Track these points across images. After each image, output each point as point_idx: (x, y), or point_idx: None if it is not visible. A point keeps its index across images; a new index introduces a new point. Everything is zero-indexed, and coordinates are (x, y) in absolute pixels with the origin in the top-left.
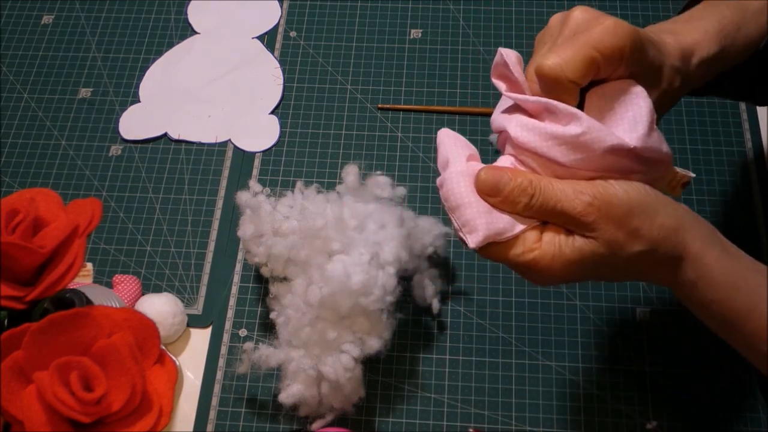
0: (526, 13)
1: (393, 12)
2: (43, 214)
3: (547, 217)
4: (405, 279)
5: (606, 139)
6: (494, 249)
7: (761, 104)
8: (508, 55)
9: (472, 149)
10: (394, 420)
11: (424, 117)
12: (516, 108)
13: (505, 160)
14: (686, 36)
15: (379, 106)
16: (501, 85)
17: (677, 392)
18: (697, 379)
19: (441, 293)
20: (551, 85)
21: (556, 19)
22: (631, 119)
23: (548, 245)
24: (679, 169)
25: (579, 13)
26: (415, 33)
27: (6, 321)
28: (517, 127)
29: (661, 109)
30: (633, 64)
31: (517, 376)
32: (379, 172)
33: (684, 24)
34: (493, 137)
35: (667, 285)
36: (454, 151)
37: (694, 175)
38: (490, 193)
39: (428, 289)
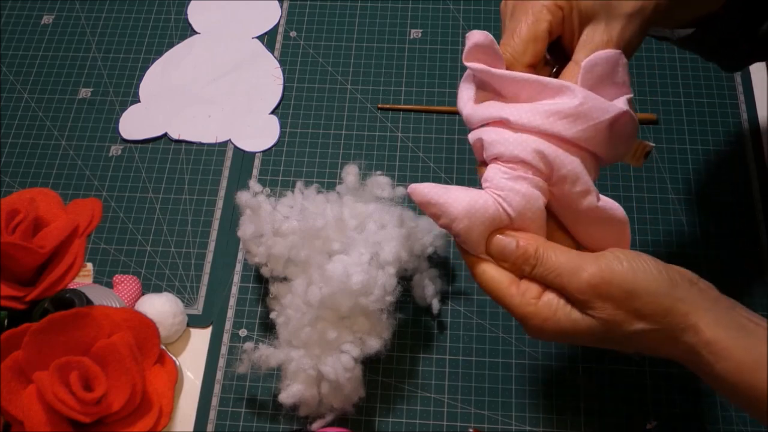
0: None
1: (393, 12)
2: (43, 214)
3: (547, 284)
4: (405, 279)
5: (606, 108)
6: (494, 286)
7: (727, 70)
8: (485, 34)
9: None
10: (394, 420)
11: (424, 117)
12: (486, 93)
13: (494, 171)
14: None
15: (379, 106)
16: (479, 66)
17: (677, 392)
18: (697, 379)
19: (441, 293)
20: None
21: (502, 4)
22: (616, 88)
23: (544, 306)
24: (641, 141)
25: None
26: (415, 33)
27: (6, 321)
28: (514, 111)
29: (636, 34)
30: (576, 8)
31: (517, 376)
32: (379, 172)
33: None
34: (473, 136)
35: (676, 360)
36: (445, 195)
37: (653, 144)
38: (498, 257)
39: (428, 289)
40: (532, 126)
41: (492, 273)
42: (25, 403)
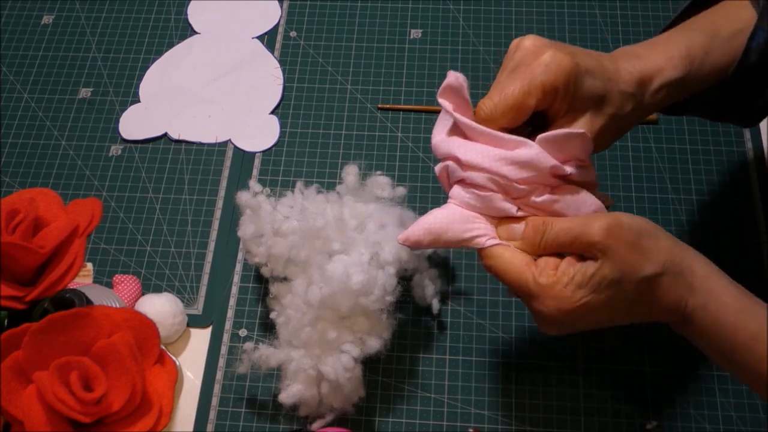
0: (526, 14)
1: (393, 12)
2: (43, 214)
3: (561, 247)
4: (405, 279)
5: (549, 159)
6: (510, 267)
7: (741, 125)
8: (458, 78)
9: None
10: (394, 420)
11: (424, 117)
12: (456, 129)
13: (457, 190)
14: (649, 61)
15: (379, 106)
16: (448, 105)
17: (677, 392)
18: (698, 379)
19: (441, 293)
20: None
21: (513, 44)
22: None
23: (562, 274)
24: (601, 194)
25: (527, 42)
26: (415, 33)
27: (6, 321)
28: (467, 151)
29: (614, 132)
30: (569, 95)
31: (517, 376)
32: (379, 172)
33: (650, 48)
34: (439, 167)
35: (674, 317)
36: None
37: (613, 201)
38: (509, 239)
39: (428, 289)
40: (481, 166)
41: (507, 256)
42: (25, 403)
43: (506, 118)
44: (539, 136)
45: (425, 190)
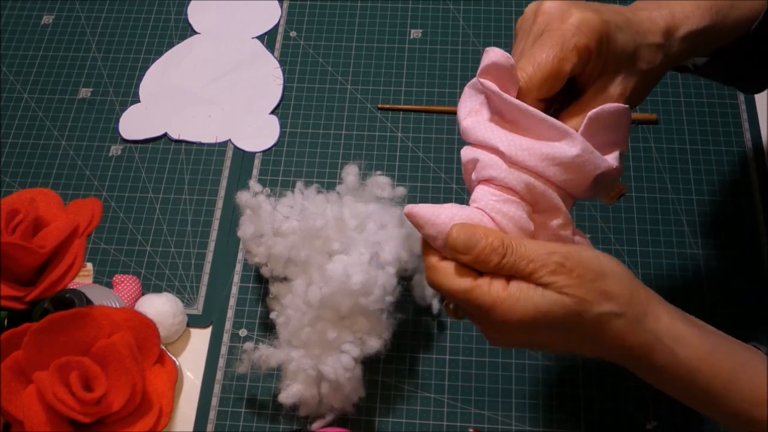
0: None
1: (393, 12)
2: (43, 214)
3: (516, 274)
4: (405, 279)
5: (598, 164)
6: (460, 281)
7: (747, 92)
8: (507, 56)
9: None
10: (394, 420)
11: (424, 117)
12: (485, 110)
13: (483, 192)
14: (676, 8)
15: (379, 106)
16: (493, 88)
17: None
18: None
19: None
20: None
21: (530, 9)
22: (614, 138)
23: (515, 289)
24: (616, 182)
25: (549, 6)
26: (415, 33)
27: (6, 321)
28: (511, 145)
29: (646, 88)
30: (602, 55)
31: (517, 376)
32: (379, 172)
33: None
34: (466, 156)
35: (632, 362)
36: (439, 214)
37: (627, 187)
38: (462, 250)
39: (428, 289)
40: (525, 165)
41: (452, 273)
42: (25, 403)
43: (543, 88)
44: (589, 114)
45: (425, 190)
